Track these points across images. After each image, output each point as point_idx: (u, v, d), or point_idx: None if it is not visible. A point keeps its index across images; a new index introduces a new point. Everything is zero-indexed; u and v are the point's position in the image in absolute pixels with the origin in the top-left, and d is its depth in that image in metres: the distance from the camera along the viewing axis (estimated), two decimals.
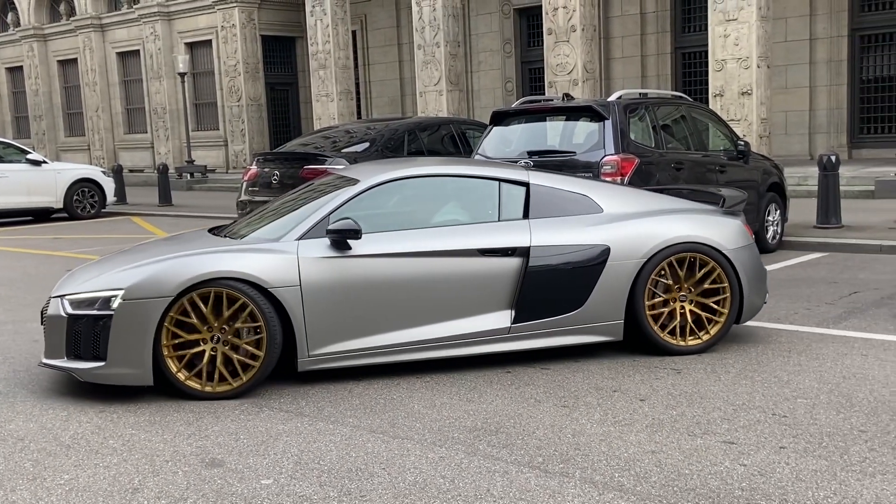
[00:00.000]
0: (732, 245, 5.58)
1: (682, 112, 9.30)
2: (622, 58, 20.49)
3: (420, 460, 3.94)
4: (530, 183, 5.58)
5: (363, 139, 10.00)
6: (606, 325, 5.43)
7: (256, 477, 3.82)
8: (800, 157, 17.43)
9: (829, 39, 17.52)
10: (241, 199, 9.98)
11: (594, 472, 3.74)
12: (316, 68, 22.20)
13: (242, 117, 25.03)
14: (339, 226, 5.03)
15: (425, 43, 19.74)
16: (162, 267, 4.88)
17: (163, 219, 16.41)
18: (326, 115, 21.98)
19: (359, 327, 5.09)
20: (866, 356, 5.34)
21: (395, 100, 25.26)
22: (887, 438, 3.98)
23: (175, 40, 27.25)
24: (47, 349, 5.06)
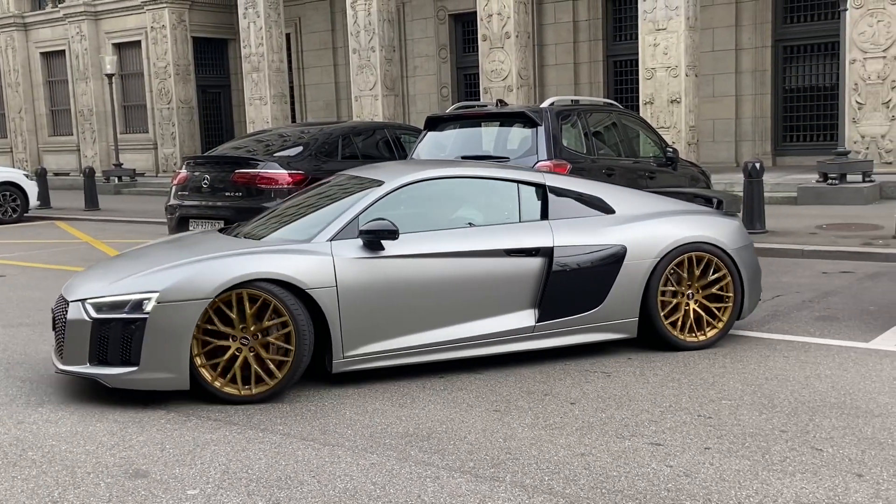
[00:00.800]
0: (735, 244, 5.85)
1: (613, 119, 9.44)
2: (556, 65, 20.74)
3: (351, 467, 3.91)
4: (546, 185, 5.74)
5: (297, 143, 9.90)
6: (622, 322, 5.61)
7: (182, 488, 3.74)
8: (727, 164, 17.86)
9: (754, 50, 18.02)
10: (170, 203, 9.77)
11: (524, 475, 3.77)
12: (249, 71, 21.94)
13: (173, 120, 24.59)
14: (373, 226, 5.04)
15: (360, 47, 19.67)
16: (198, 269, 4.80)
17: (89, 223, 16.00)
18: (260, 118, 21.73)
19: (392, 328, 5.11)
20: (788, 358, 5.49)
21: (330, 104, 25.11)
22: (807, 438, 4.10)
23: (102, 41, 26.61)
24: (66, 355, 4.88)
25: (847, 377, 5.04)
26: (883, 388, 4.83)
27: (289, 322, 4.80)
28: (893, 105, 14.28)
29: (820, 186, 13.36)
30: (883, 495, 3.45)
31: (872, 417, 4.35)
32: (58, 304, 5.15)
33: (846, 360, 5.40)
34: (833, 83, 16.78)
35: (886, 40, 14.18)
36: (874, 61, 14.32)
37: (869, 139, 14.50)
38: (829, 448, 3.96)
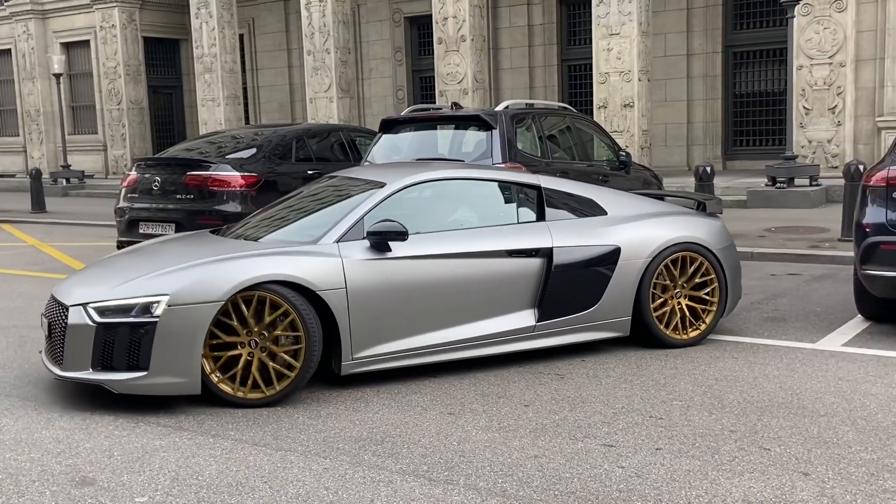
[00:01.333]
0: (720, 245, 6.06)
1: (567, 123, 9.52)
2: (511, 68, 20.85)
3: (303, 472, 3.88)
4: (541, 186, 5.85)
5: (250, 145, 9.81)
6: (616, 321, 5.75)
7: (131, 495, 3.68)
8: (678, 168, 18.12)
9: (705, 55, 18.31)
10: (120, 205, 9.61)
11: (478, 478, 3.77)
12: (201, 72, 21.69)
13: (123, 121, 24.20)
14: (382, 227, 5.06)
15: (315, 49, 19.57)
16: (208, 271, 4.75)
17: (35, 226, 15.66)
18: (212, 120, 21.50)
19: (399, 329, 5.14)
20: (737, 359, 5.58)
21: (284, 106, 24.92)
22: (755, 438, 4.17)
23: (50, 40, 26.08)
24: (66, 362, 4.75)
25: (794, 377, 5.14)
26: (829, 388, 4.93)
27: (299, 324, 4.78)
28: (839, 111, 14.62)
29: (769, 190, 13.62)
30: (828, 493, 3.52)
31: (818, 417, 4.44)
32: (51, 309, 5.02)
33: (794, 360, 5.51)
34: (781, 89, 17.12)
35: (832, 47, 14.52)
36: (820, 67, 14.65)
37: (816, 144, 14.83)
38: (777, 447, 4.04)
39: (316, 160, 10.05)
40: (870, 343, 5.89)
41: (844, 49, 14.49)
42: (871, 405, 4.61)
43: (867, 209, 5.97)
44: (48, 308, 5.10)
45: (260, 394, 4.79)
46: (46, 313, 5.09)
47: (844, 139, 14.68)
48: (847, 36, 14.45)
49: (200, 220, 8.89)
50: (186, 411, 4.74)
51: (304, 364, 4.82)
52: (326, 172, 9.84)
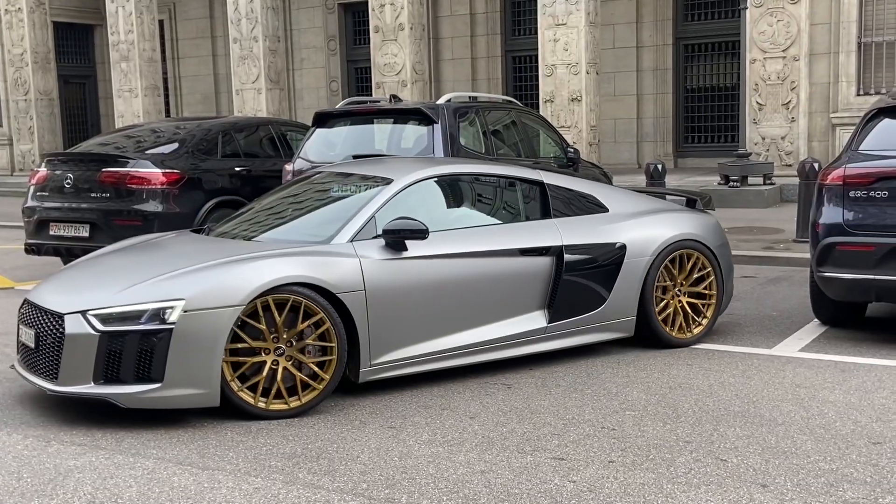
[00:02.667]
0: (717, 242, 6.30)
1: (512, 117, 9.58)
2: (452, 59, 20.90)
3: (233, 492, 3.82)
4: (544, 182, 5.95)
5: (172, 139, 9.64)
6: (622, 321, 5.89)
7: None
8: (629, 166, 18.38)
9: (655, 47, 18.59)
10: (28, 204, 9.36)
11: (421, 496, 3.76)
12: (117, 60, 21.25)
13: (31, 113, 23.55)
14: (398, 226, 5.05)
15: (242, 37, 19.34)
16: (223, 273, 4.67)
17: None
18: (130, 112, 21.08)
19: (416, 333, 5.16)
20: (691, 366, 5.67)
21: (208, 97, 24.57)
22: (711, 448, 4.24)
23: None
24: (63, 375, 4.57)
25: (751, 385, 5.24)
26: (786, 395, 5.04)
27: (332, 332, 4.78)
28: (793, 106, 14.98)
29: (721, 189, 13.88)
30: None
31: (776, 426, 4.54)
32: (35, 318, 4.83)
33: (749, 367, 5.62)
34: (734, 83, 17.47)
35: (786, 40, 14.87)
36: (774, 61, 15.00)
37: (769, 141, 15.17)
38: (734, 458, 4.11)
39: (244, 156, 9.93)
40: (827, 348, 6.04)
41: (798, 42, 14.85)
42: (830, 413, 4.72)
43: (823, 209, 6.12)
44: (28, 317, 4.91)
45: (283, 405, 4.74)
46: (28, 322, 4.90)
47: (798, 136, 15.04)
48: (801, 29, 14.81)
49: (117, 220, 8.72)
50: (103, 428, 4.62)
51: (334, 374, 4.85)
52: (255, 169, 9.80)
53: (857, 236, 5.95)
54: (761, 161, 14.59)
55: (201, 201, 9.06)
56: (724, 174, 14.06)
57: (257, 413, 4.69)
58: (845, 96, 15.49)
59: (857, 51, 15.36)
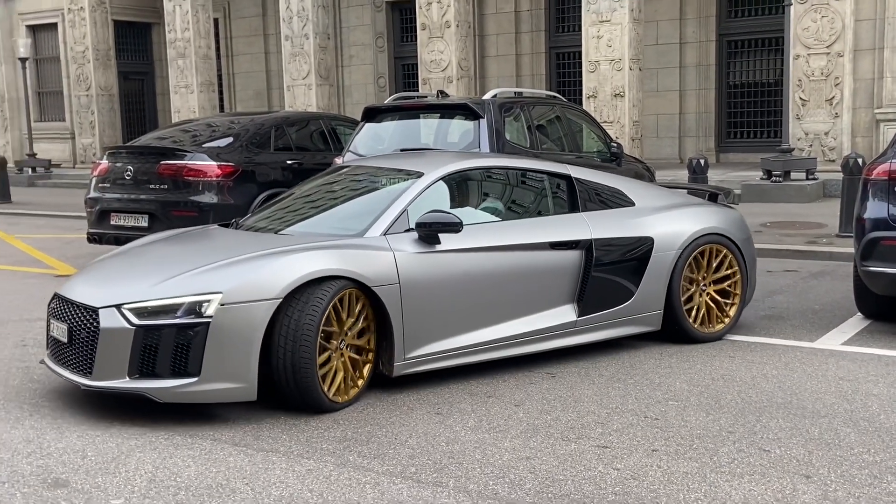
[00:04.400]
0: (742, 236, 6.19)
1: (556, 112, 9.51)
2: (497, 56, 20.83)
3: (286, 473, 3.86)
4: (572, 176, 5.85)
5: (226, 133, 9.75)
6: (649, 315, 5.79)
7: (106, 497, 3.65)
8: (670, 161, 18.18)
9: (698, 44, 18.36)
10: (91, 195, 9.53)
11: (468, 480, 3.76)
12: (174, 57, 21.54)
13: (92, 108, 23.97)
14: (432, 218, 4.94)
15: (293, 34, 19.48)
16: (259, 266, 4.55)
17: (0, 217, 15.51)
18: (186, 107, 21.35)
19: (449, 327, 5.05)
20: (734, 358, 5.61)
21: (260, 93, 24.79)
22: (754, 439, 4.19)
23: (15, 22, 25.81)
24: (97, 370, 4.44)
25: (793, 377, 5.17)
26: (829, 388, 4.96)
27: (371, 325, 4.76)
28: (837, 102, 14.70)
29: (764, 184, 13.68)
30: (831, 496, 3.54)
31: (819, 418, 4.47)
32: (67, 312, 4.70)
33: (792, 359, 5.54)
34: (777, 79, 17.18)
35: (830, 36, 14.59)
36: (818, 57, 14.72)
37: (812, 136, 14.91)
38: (777, 449, 4.05)
39: (295, 149, 10.00)
40: (870, 342, 5.93)
41: (843, 38, 14.56)
42: (873, 406, 4.63)
43: (868, 204, 6.01)
44: (60, 311, 4.78)
45: (347, 395, 4.71)
46: (59, 317, 4.77)
47: (842, 131, 14.76)
48: (845, 25, 14.52)
49: (175, 211, 8.84)
50: (161, 411, 4.70)
51: (372, 370, 4.82)
52: (306, 162, 9.87)
53: None
54: (804, 156, 14.35)
55: (254, 193, 9.15)
56: (766, 169, 13.84)
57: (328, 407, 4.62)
58: (890, 92, 15.16)
59: None
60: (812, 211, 12.31)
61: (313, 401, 4.53)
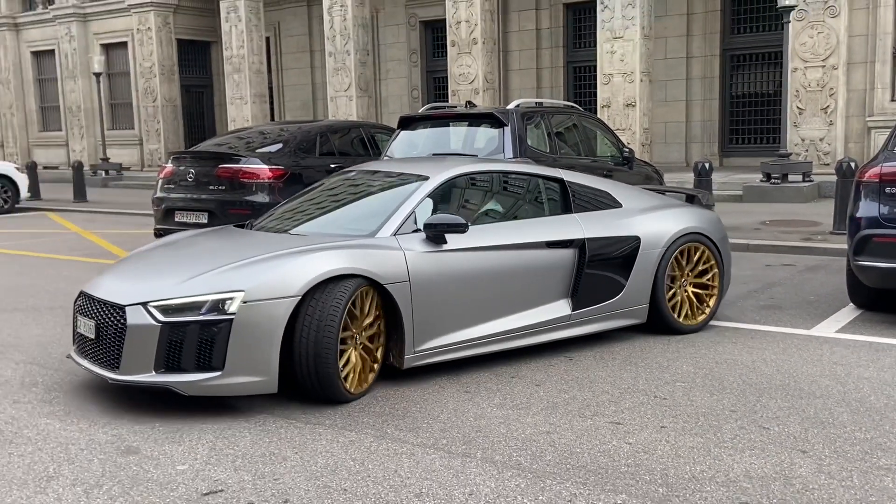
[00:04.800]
0: (719, 235, 6.06)
1: (573, 121, 9.46)
2: (519, 70, 20.75)
3: (332, 444, 3.89)
4: (564, 180, 5.73)
5: (276, 140, 9.80)
6: (636, 309, 5.67)
7: (172, 463, 3.69)
8: (677, 164, 18.02)
9: (704, 58, 18.17)
10: (157, 195, 9.63)
11: (494, 452, 3.77)
12: (230, 72, 21.69)
13: (158, 118, 24.23)
14: (439, 220, 4.81)
15: (336, 51, 19.53)
16: (279, 265, 4.36)
17: (77, 214, 15.73)
18: (240, 117, 21.50)
19: (454, 321, 4.91)
20: (736, 343, 5.55)
21: (306, 104, 24.90)
22: (755, 417, 4.15)
23: (91, 41, 26.12)
24: (125, 364, 4.24)
25: (791, 361, 5.11)
26: (824, 371, 4.89)
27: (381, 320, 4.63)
28: (831, 111, 14.48)
29: (763, 186, 13.52)
30: (825, 470, 3.50)
31: (814, 398, 4.41)
32: (94, 309, 4.49)
33: (790, 345, 5.47)
34: (776, 90, 16.98)
35: (825, 50, 14.38)
36: (814, 70, 14.52)
37: (809, 142, 14.71)
38: (776, 427, 4.01)
39: (338, 154, 10.03)
40: (862, 330, 5.85)
41: (837, 53, 14.34)
42: (865, 388, 4.57)
43: (861, 203, 5.92)
44: (87, 308, 4.57)
45: (362, 387, 4.55)
46: (87, 314, 4.56)
47: (836, 138, 14.54)
48: (840, 40, 14.30)
49: (231, 209, 8.90)
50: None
51: (383, 360, 4.71)
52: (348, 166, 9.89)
53: (892, 229, 5.73)
54: (801, 161, 14.16)
55: None
56: (766, 172, 13.68)
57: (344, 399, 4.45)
58: (880, 101, 14.92)
59: (893, 60, 14.78)
60: (808, 210, 12.15)
61: (333, 392, 4.37)
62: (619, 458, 3.66)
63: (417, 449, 3.81)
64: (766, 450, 3.72)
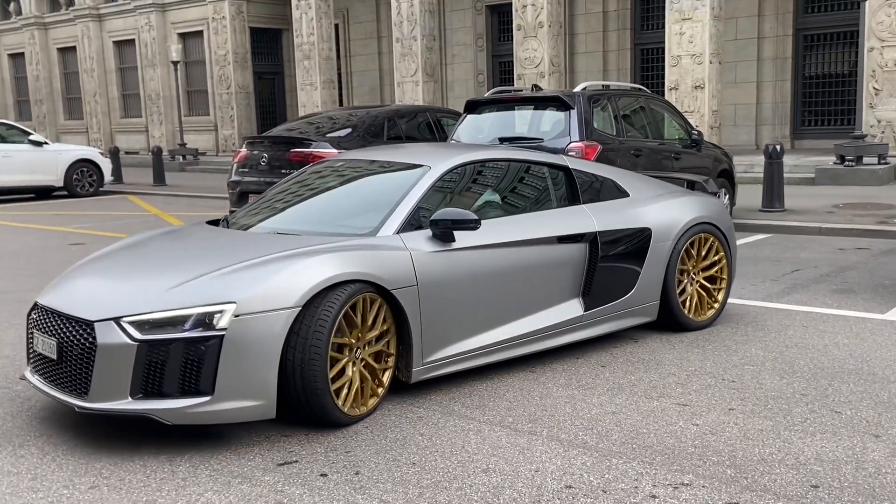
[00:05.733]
0: (727, 224, 5.65)
1: (641, 103, 9.31)
2: (585, 53, 20.46)
3: (400, 419, 3.93)
4: (570, 167, 5.19)
5: (345, 125, 9.90)
6: (647, 306, 5.22)
7: (249, 434, 3.78)
8: (747, 147, 17.55)
9: (776, 38, 17.61)
10: (232, 179, 9.85)
11: (560, 430, 3.76)
12: (301, 59, 21.96)
13: (232, 104, 24.72)
14: (448, 215, 4.21)
15: (403, 37, 19.57)
16: (272, 271, 3.70)
17: (157, 197, 16.20)
18: (310, 102, 21.77)
19: (466, 328, 4.35)
20: (807, 327, 5.40)
21: (374, 89, 25.06)
22: (826, 401, 4.04)
23: (168, 30, 26.79)
24: (94, 390, 3.55)
25: (864, 346, 4.95)
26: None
27: (390, 326, 4.03)
28: None
29: (837, 168, 13.08)
30: None
31: (888, 383, 4.27)
32: (55, 325, 3.75)
33: (863, 330, 5.30)
34: (851, 70, 16.37)
35: None
36: (891, 49, 13.92)
37: (885, 123, 14.14)
38: (848, 411, 3.90)
39: (405, 139, 10.08)
40: None
41: None
42: None
43: None
44: (46, 324, 3.82)
45: (366, 406, 3.96)
46: (46, 330, 3.81)
47: None
48: None
49: None
50: None
51: (390, 379, 4.11)
52: None
53: None
54: (877, 142, 13.63)
55: None
56: (839, 154, 13.23)
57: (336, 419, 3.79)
58: None
59: None
60: (883, 193, 11.70)
61: (326, 417, 3.75)
62: (685, 440, 3.61)
63: (484, 426, 3.83)
64: (838, 433, 3.62)
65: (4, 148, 15.73)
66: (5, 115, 32.45)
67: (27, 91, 32.28)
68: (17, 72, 33.20)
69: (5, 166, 15.65)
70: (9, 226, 12.06)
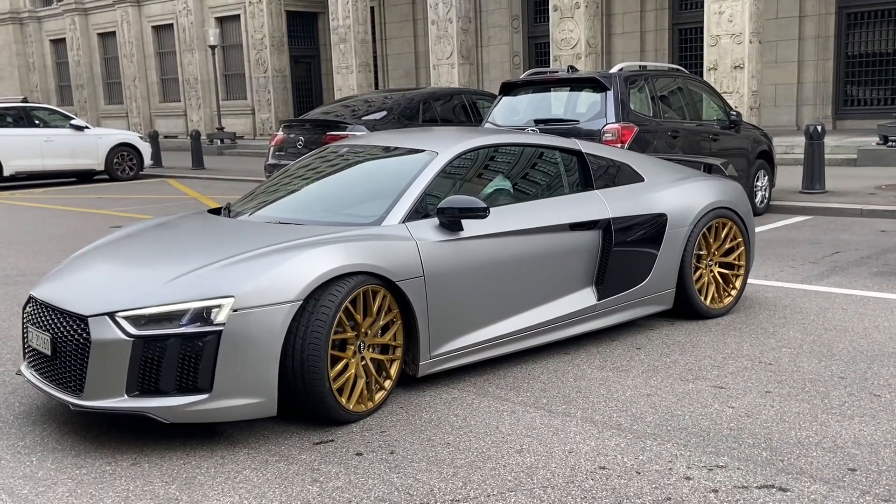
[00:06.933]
0: (745, 208, 5.48)
1: (678, 84, 9.18)
2: (622, 33, 20.21)
3: (434, 400, 3.97)
4: (582, 151, 5.01)
5: (381, 108, 9.94)
6: (663, 294, 5.07)
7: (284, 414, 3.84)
8: (787, 128, 17.24)
9: (818, 17, 17.22)
10: (269, 162, 9.96)
11: (594, 412, 3.76)
12: (336, 42, 22.00)
13: (268, 88, 24.87)
14: (455, 203, 4.05)
15: (439, 19, 19.50)
16: (272, 263, 3.57)
17: (196, 181, 16.41)
18: (346, 85, 21.83)
19: (473, 319, 4.21)
20: (846, 310, 5.32)
21: (409, 72, 25.04)
22: (865, 384, 3.98)
23: (206, 15, 27.00)
24: (90, 387, 3.45)
25: None
26: None
27: (396, 319, 3.89)
28: None
29: (880, 149, 12.80)
30: None
31: None
32: (49, 320, 3.66)
33: None
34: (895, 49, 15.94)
35: None
36: None
37: None
38: (887, 394, 3.84)
39: (441, 121, 10.09)
40: None
41: None
42: None
43: None
44: (41, 319, 3.72)
45: (373, 402, 3.82)
46: (40, 325, 3.71)
47: None
48: None
49: None
50: None
51: (399, 371, 3.96)
52: None
53: None
54: None
55: None
56: (882, 135, 12.93)
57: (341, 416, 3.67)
58: None
59: None
60: None
61: (329, 414, 3.63)
62: (721, 422, 3.59)
63: (518, 407, 3.85)
64: (877, 417, 3.58)
65: (47, 132, 16.04)
66: (48, 101, 33.06)
67: (68, 76, 32.84)
68: (59, 57, 33.78)
69: (48, 150, 15.96)
70: (53, 209, 12.33)
